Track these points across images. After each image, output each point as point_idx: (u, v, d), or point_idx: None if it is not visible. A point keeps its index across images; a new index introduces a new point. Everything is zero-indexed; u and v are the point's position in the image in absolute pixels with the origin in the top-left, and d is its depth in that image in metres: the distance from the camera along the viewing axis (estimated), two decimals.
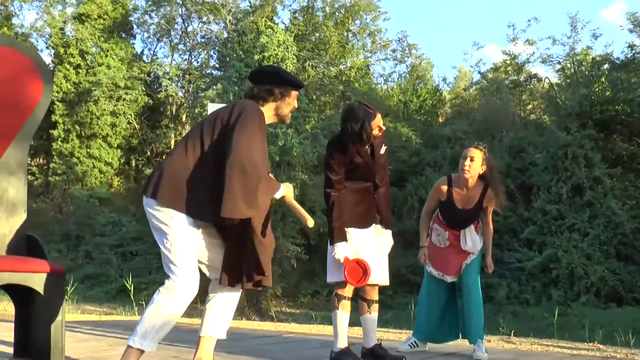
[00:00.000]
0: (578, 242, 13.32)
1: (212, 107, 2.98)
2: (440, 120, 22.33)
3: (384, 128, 3.11)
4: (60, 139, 21.27)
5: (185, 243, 2.36)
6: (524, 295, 13.24)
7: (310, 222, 2.46)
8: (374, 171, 3.15)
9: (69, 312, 7.94)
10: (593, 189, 13.90)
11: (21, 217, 2.70)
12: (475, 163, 3.61)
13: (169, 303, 2.32)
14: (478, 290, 3.78)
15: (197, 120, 20.43)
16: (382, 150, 3.18)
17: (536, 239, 14.05)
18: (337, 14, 22.22)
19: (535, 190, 14.68)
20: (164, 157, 16.49)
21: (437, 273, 3.80)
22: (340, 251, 2.99)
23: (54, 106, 20.91)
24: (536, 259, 13.48)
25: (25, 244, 2.67)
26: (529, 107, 20.54)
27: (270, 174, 2.52)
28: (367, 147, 3.10)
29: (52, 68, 22.50)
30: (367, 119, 3.00)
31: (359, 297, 3.23)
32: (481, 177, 3.69)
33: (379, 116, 3.07)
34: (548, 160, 14.48)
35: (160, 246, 2.38)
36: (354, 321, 3.38)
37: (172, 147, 19.09)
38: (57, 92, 20.89)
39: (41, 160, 22.85)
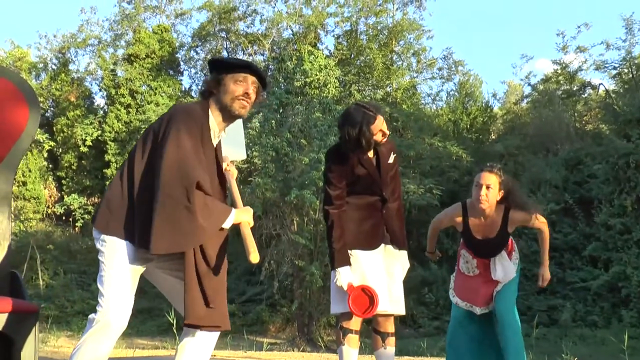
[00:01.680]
0: None
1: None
2: (493, 137, 21.62)
3: (388, 133, 2.69)
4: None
5: (116, 272, 2.09)
6: (591, 317, 12.34)
7: (254, 257, 2.10)
8: (380, 183, 2.74)
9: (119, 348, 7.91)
10: None
11: (3, 252, 2.52)
12: (492, 191, 3.17)
13: (91, 340, 2.06)
14: (513, 314, 3.27)
15: (247, 152, 20.53)
16: (391, 159, 2.77)
17: (601, 256, 13.15)
18: (380, 35, 22.05)
19: (596, 203, 13.81)
20: None
21: (464, 304, 3.33)
22: (343, 277, 2.59)
23: (107, 146, 21.48)
24: (602, 278, 12.58)
25: (9, 282, 2.49)
26: (585, 117, 19.61)
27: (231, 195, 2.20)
28: (372, 155, 2.71)
29: (105, 109, 23.25)
30: (366, 122, 2.61)
31: (372, 330, 2.81)
32: (500, 201, 3.25)
33: (380, 119, 2.65)
34: (608, 171, 13.62)
35: (97, 282, 2.13)
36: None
37: None
38: (110, 132, 21.46)
39: (97, 199, 23.45)
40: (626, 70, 17.42)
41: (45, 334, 13.25)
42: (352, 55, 21.87)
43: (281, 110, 13.71)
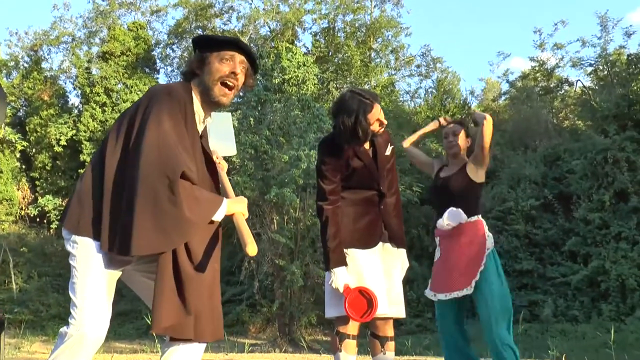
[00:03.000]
0: (627, 251, 12.45)
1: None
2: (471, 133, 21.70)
3: (385, 122, 2.50)
4: None
5: (91, 278, 1.86)
6: (571, 312, 12.39)
7: (251, 250, 1.89)
8: (377, 177, 2.56)
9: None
10: (639, 193, 13.07)
11: None
12: (460, 136, 3.25)
13: (64, 356, 1.83)
14: (498, 286, 3.09)
15: None
16: (388, 151, 2.60)
17: (580, 251, 13.23)
18: (358, 33, 22.00)
19: (575, 199, 13.89)
20: None
21: (430, 294, 3.18)
22: (339, 278, 2.40)
23: (82, 145, 21.05)
24: (582, 272, 12.64)
25: None
26: (562, 114, 19.77)
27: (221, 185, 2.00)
28: (368, 147, 2.53)
29: (79, 108, 22.81)
30: (363, 111, 2.42)
31: (370, 334, 2.62)
32: (468, 151, 3.31)
33: (377, 107, 2.46)
34: (587, 166, 13.71)
35: (69, 290, 1.90)
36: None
37: None
38: (85, 132, 21.05)
39: None
40: (602, 67, 17.59)
41: (18, 339, 12.92)
42: (330, 53, 21.79)
43: (259, 108, 13.53)
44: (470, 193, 3.17)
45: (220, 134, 2.43)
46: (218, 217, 1.93)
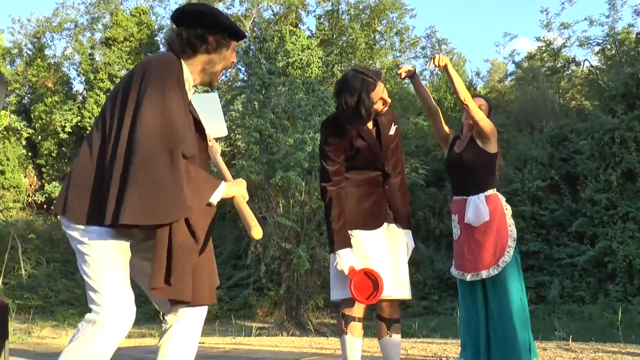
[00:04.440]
0: (634, 232, 12.38)
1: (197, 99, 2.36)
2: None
3: (389, 101, 2.45)
4: None
5: (109, 263, 1.78)
6: (578, 293, 12.38)
7: (256, 233, 1.83)
8: (381, 157, 2.51)
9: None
10: None
11: None
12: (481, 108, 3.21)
13: (91, 343, 1.74)
14: (517, 294, 3.04)
15: (228, 133, 20.27)
16: (392, 130, 2.54)
17: (587, 232, 13.18)
18: (362, 15, 21.80)
19: (582, 179, 13.81)
20: None
21: (456, 272, 3.14)
22: (344, 260, 2.37)
23: (87, 132, 21.02)
24: (589, 253, 12.60)
25: None
26: (568, 94, 19.61)
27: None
28: (371, 127, 2.47)
29: (84, 95, 22.78)
30: (366, 89, 2.36)
31: (376, 317, 2.59)
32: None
33: (380, 86, 2.41)
34: (594, 146, 13.60)
35: (82, 274, 1.82)
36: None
37: None
38: (90, 118, 21.05)
39: None
40: (609, 46, 17.40)
41: (28, 324, 13.05)
42: (335, 36, 21.62)
43: (264, 91, 13.46)
44: (484, 164, 3.13)
45: (209, 115, 2.38)
46: (215, 199, 1.87)
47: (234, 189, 1.93)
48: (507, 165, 14.79)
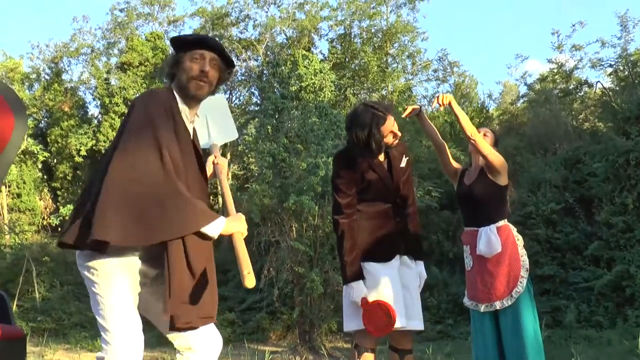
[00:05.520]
0: None
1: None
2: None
3: (399, 134, 2.49)
4: None
5: (118, 299, 1.82)
6: (595, 318, 12.18)
7: (249, 282, 1.83)
8: (392, 189, 2.54)
9: None
10: None
11: None
12: (486, 139, 3.25)
13: None
14: (531, 325, 3.03)
15: (242, 157, 20.38)
16: (403, 163, 2.58)
17: (603, 255, 13.01)
18: (374, 38, 21.98)
19: (597, 202, 13.69)
20: None
21: (470, 303, 3.14)
22: (356, 292, 2.39)
23: (101, 156, 21.29)
24: (606, 277, 12.42)
25: None
26: (582, 115, 19.54)
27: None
28: (383, 159, 2.52)
29: (99, 119, 23.08)
30: (376, 124, 2.40)
31: (389, 347, 2.59)
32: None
33: (390, 119, 2.45)
34: (608, 169, 13.50)
35: (94, 313, 1.88)
36: None
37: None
38: (104, 142, 21.28)
39: None
40: (622, 68, 17.36)
41: (42, 347, 13.05)
42: (347, 59, 21.79)
43: (277, 116, 13.55)
44: (495, 197, 3.14)
45: (218, 120, 2.39)
46: (211, 231, 1.86)
47: (234, 225, 1.92)
48: (521, 188, 14.71)
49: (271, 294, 13.66)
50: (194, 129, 2.11)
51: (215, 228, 1.84)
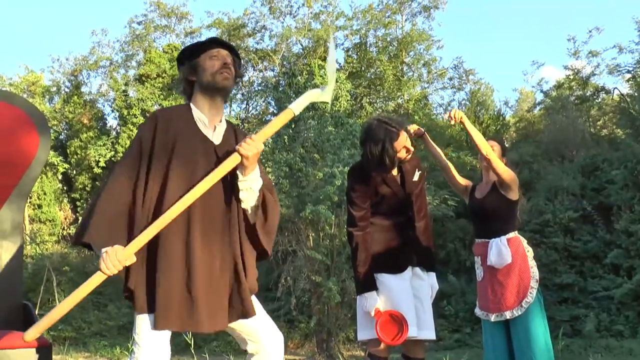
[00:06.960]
0: None
1: None
2: (507, 145, 21.38)
3: (412, 149, 2.56)
4: None
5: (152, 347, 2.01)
6: (616, 327, 12.04)
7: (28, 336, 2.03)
8: (405, 203, 2.62)
9: None
10: None
11: (14, 285, 2.43)
12: (495, 152, 3.26)
13: None
14: (542, 335, 3.06)
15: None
16: (416, 177, 2.65)
17: (623, 264, 12.87)
18: (390, 47, 22.05)
19: (616, 210, 13.56)
20: None
21: (481, 313, 3.21)
22: (370, 302, 2.47)
23: None
24: (626, 286, 12.28)
25: (21, 314, 2.40)
26: (599, 122, 19.39)
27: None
28: (396, 173, 2.59)
29: (117, 130, 23.39)
30: (389, 139, 2.48)
31: (402, 356, 2.68)
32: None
33: (403, 135, 2.53)
34: (627, 176, 13.38)
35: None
36: None
37: None
38: (122, 153, 21.51)
39: None
40: None
41: (62, 355, 13.22)
42: (363, 68, 21.88)
43: (293, 126, 13.65)
44: (506, 211, 3.21)
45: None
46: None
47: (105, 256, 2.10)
48: (538, 196, 14.63)
49: (289, 303, 13.71)
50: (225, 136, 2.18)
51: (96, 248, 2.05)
